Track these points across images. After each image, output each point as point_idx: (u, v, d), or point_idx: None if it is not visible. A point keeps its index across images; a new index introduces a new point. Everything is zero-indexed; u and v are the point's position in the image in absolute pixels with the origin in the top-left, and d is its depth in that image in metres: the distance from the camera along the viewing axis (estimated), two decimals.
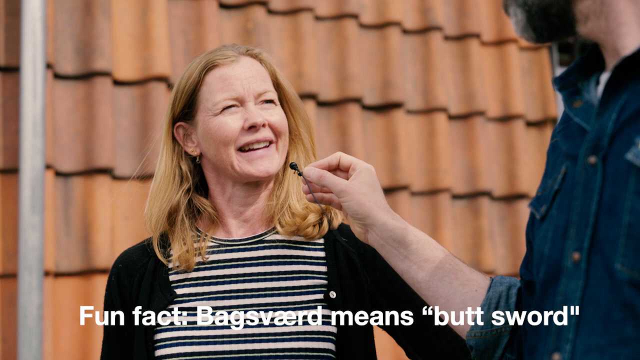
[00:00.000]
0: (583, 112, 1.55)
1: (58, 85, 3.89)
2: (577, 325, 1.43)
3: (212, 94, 2.08)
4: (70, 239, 3.77)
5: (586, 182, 1.47)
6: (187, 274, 2.06)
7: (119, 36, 4.01)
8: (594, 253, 1.43)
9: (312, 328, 1.97)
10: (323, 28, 4.40)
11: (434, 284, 1.77)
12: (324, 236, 2.08)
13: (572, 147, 1.56)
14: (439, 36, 4.57)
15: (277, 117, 2.09)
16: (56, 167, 3.80)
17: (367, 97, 4.37)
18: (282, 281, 2.03)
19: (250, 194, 2.09)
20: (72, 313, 3.71)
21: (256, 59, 2.13)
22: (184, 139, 2.14)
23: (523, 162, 4.61)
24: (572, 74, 1.60)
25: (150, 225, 2.12)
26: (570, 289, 1.46)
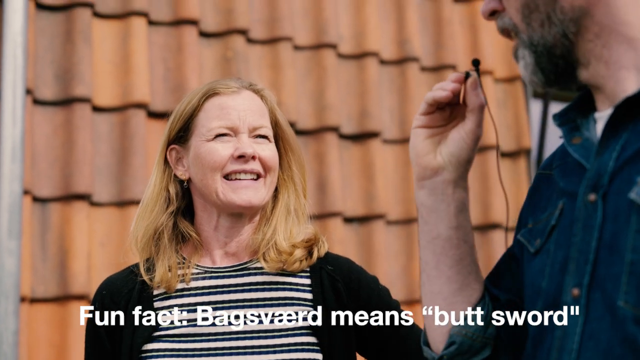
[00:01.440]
0: (582, 149, 1.56)
1: (37, 111, 3.87)
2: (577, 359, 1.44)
3: (208, 120, 2.08)
4: (46, 265, 3.75)
5: (586, 219, 1.49)
6: (172, 300, 2.05)
7: (99, 63, 4.01)
8: (594, 289, 1.44)
9: (297, 355, 1.97)
10: (302, 57, 4.42)
11: (458, 268, 1.70)
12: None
13: (569, 184, 1.56)
14: (416, 67, 4.61)
15: (269, 153, 2.09)
16: (34, 193, 3.78)
17: (344, 127, 4.39)
18: (267, 308, 2.02)
19: (235, 225, 2.09)
20: (47, 339, 3.68)
21: (257, 94, 2.14)
22: (176, 162, 2.14)
23: (497, 192, 4.63)
24: (571, 111, 1.62)
25: (135, 245, 2.12)
26: (570, 324, 1.46)
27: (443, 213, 1.69)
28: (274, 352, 1.97)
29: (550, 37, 1.54)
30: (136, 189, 3.87)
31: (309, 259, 2.07)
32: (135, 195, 3.86)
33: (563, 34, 1.53)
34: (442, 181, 1.69)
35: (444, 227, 1.69)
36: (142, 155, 3.93)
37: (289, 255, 2.05)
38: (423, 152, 1.69)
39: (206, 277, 2.07)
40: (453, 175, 1.68)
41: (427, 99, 1.68)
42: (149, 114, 4.03)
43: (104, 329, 2.08)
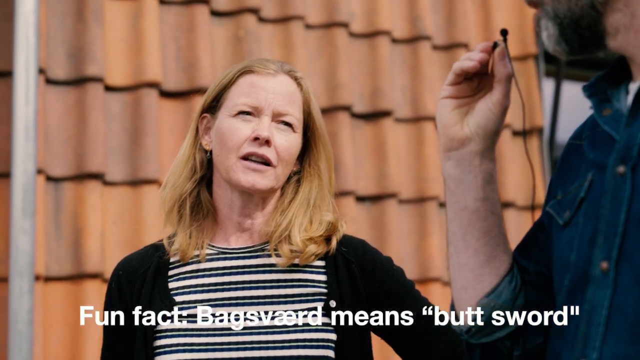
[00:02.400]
0: (612, 121, 1.54)
1: (50, 91, 3.88)
2: (604, 333, 1.43)
3: (237, 95, 2.07)
4: (60, 244, 3.76)
5: (615, 192, 1.47)
6: (186, 280, 2.05)
7: (111, 42, 4.01)
8: (622, 262, 1.43)
9: (312, 336, 1.97)
10: (313, 36, 4.41)
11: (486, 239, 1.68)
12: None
13: (599, 156, 1.55)
14: (428, 45, 4.59)
15: (285, 142, 2.05)
16: (47, 172, 3.79)
17: (356, 106, 4.38)
18: (281, 289, 2.02)
19: (247, 205, 2.07)
20: (61, 317, 3.70)
21: (295, 81, 2.10)
22: (204, 131, 2.13)
23: (509, 170, 4.62)
24: (601, 82, 1.60)
25: (163, 207, 2.11)
26: (597, 298, 1.46)
27: (470, 184, 1.67)
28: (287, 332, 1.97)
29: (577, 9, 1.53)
30: (149, 168, 3.88)
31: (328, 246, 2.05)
32: (147, 175, 3.87)
33: (591, 5, 1.51)
34: (469, 152, 1.66)
35: (472, 198, 1.67)
36: (155, 134, 3.93)
37: (301, 252, 2.03)
38: (450, 123, 1.67)
39: (220, 258, 2.07)
40: (480, 147, 1.66)
41: (454, 69, 1.66)
42: (161, 93, 4.03)
43: (120, 309, 2.08)
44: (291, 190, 2.11)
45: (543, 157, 4.78)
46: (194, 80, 4.03)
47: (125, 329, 2.06)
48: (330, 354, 1.97)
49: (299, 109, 2.09)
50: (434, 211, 4.39)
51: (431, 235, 4.34)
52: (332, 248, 2.05)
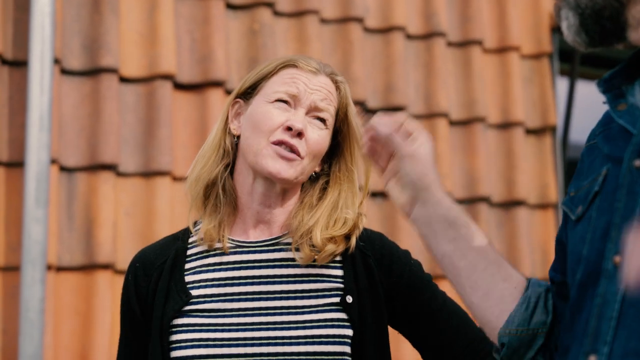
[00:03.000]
0: (628, 115, 1.52)
1: (65, 81, 3.88)
2: (615, 328, 1.41)
3: (276, 83, 2.07)
4: (72, 234, 3.76)
5: (630, 185, 1.45)
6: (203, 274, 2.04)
7: (126, 34, 4.00)
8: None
9: (328, 331, 1.95)
10: (328, 31, 4.40)
11: (476, 275, 1.72)
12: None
13: (615, 150, 1.53)
14: (442, 42, 4.58)
15: (318, 137, 2.04)
16: (61, 162, 3.79)
17: (369, 101, 4.38)
18: (297, 284, 2.01)
19: (268, 193, 2.06)
20: (72, 307, 3.71)
21: (335, 84, 2.10)
22: (234, 115, 2.13)
23: (522, 169, 4.61)
24: (616, 77, 1.58)
25: (190, 189, 2.10)
26: (610, 292, 1.44)
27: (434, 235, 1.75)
28: (304, 327, 1.96)
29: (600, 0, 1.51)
30: (162, 160, 3.88)
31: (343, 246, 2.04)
32: (160, 166, 3.87)
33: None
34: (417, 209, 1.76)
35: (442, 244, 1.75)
36: (168, 126, 3.93)
37: (320, 250, 2.01)
38: (396, 196, 1.80)
39: (237, 252, 2.05)
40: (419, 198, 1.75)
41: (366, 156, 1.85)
42: (175, 85, 4.03)
43: (136, 301, 2.07)
44: (319, 189, 2.10)
45: (556, 155, 4.77)
46: (208, 73, 4.02)
47: (142, 323, 2.06)
48: (346, 349, 1.96)
49: (334, 109, 2.09)
50: None
51: None
52: (352, 246, 2.04)
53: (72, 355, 3.66)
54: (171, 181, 3.89)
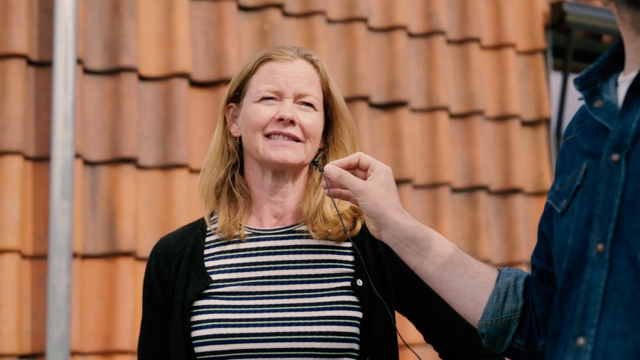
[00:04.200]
0: (604, 112, 1.55)
1: (87, 80, 3.91)
2: (601, 311, 1.44)
3: (258, 83, 2.08)
4: (96, 224, 3.80)
5: (609, 178, 1.48)
6: (221, 260, 2.07)
7: (144, 35, 4.03)
8: (618, 245, 1.44)
9: (339, 313, 1.98)
10: (334, 31, 4.43)
11: (446, 277, 1.79)
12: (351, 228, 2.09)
13: (593, 145, 1.56)
14: (442, 40, 4.60)
15: (310, 121, 2.06)
16: (84, 157, 3.83)
17: (374, 96, 4.40)
18: (311, 269, 2.03)
19: (278, 184, 2.08)
20: (97, 293, 3.74)
21: (311, 64, 2.10)
22: (232, 120, 2.14)
23: (518, 159, 4.64)
24: (592, 75, 1.60)
25: (202, 195, 2.13)
26: (594, 278, 1.47)
27: (401, 252, 1.84)
28: (317, 309, 1.98)
29: None
30: (179, 154, 3.91)
31: (353, 229, 2.07)
32: (178, 160, 3.90)
33: None
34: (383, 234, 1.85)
35: (411, 258, 1.84)
36: (185, 121, 3.96)
37: (334, 225, 2.05)
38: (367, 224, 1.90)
39: (253, 239, 2.07)
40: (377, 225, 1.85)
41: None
42: (191, 83, 4.05)
43: (159, 286, 2.09)
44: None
45: (550, 145, 4.80)
46: (222, 71, 4.05)
47: (164, 306, 2.08)
48: (356, 330, 1.98)
49: (318, 89, 2.09)
50: (446, 196, 4.42)
51: (443, 219, 4.37)
52: (357, 230, 2.06)
53: (97, 337, 3.70)
54: (188, 173, 3.93)
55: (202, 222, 2.15)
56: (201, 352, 1.98)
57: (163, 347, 2.08)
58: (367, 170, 1.90)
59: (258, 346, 1.96)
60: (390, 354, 2.04)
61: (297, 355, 1.95)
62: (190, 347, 1.99)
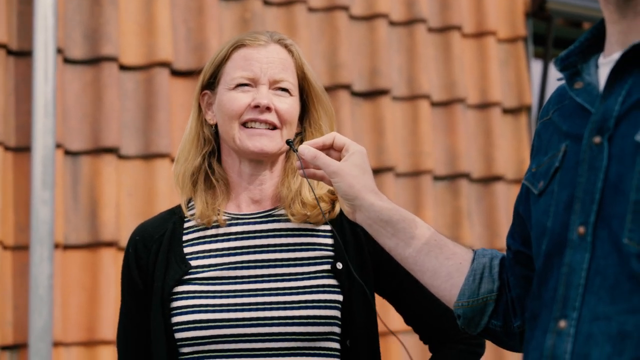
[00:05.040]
0: (585, 94, 1.53)
1: (67, 70, 3.87)
2: (583, 294, 1.43)
3: (233, 69, 2.06)
4: (78, 214, 3.77)
5: (591, 161, 1.46)
6: (200, 245, 2.05)
7: (125, 24, 3.99)
8: (600, 227, 1.43)
9: (319, 297, 1.97)
10: (315, 19, 4.40)
11: (421, 259, 1.77)
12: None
13: (573, 127, 1.54)
14: (423, 28, 4.58)
15: (286, 106, 2.04)
16: (65, 146, 3.79)
17: (355, 84, 4.38)
18: (291, 252, 2.02)
19: (255, 172, 2.07)
20: (79, 283, 3.71)
21: (285, 49, 2.09)
22: (206, 107, 2.12)
23: (499, 146, 4.63)
24: (573, 56, 1.59)
25: (177, 183, 2.11)
26: (576, 260, 1.45)
27: (376, 233, 1.82)
28: (297, 293, 1.97)
29: None
30: (160, 143, 3.88)
31: (332, 211, 2.05)
32: (159, 149, 3.87)
33: None
34: (357, 215, 1.83)
35: (386, 240, 1.81)
36: (166, 111, 3.93)
37: (313, 208, 2.03)
38: (342, 206, 1.87)
39: (232, 224, 2.06)
40: (352, 207, 1.82)
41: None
42: (172, 72, 4.02)
43: (137, 273, 2.08)
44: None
45: (531, 133, 4.79)
46: (203, 60, 3.98)
47: (143, 292, 2.07)
48: (336, 314, 1.97)
49: (292, 74, 2.07)
50: (428, 184, 4.41)
51: (425, 206, 4.36)
52: (336, 213, 2.05)
53: (80, 327, 3.67)
54: (170, 163, 3.89)
55: (179, 209, 2.13)
56: (182, 337, 1.97)
57: (142, 333, 2.06)
58: (341, 151, 1.87)
59: (238, 331, 1.95)
60: (371, 336, 2.04)
61: (278, 339, 1.95)
62: (171, 333, 1.98)
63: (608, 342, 1.38)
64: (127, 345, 2.11)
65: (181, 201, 2.12)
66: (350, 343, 1.99)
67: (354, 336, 1.99)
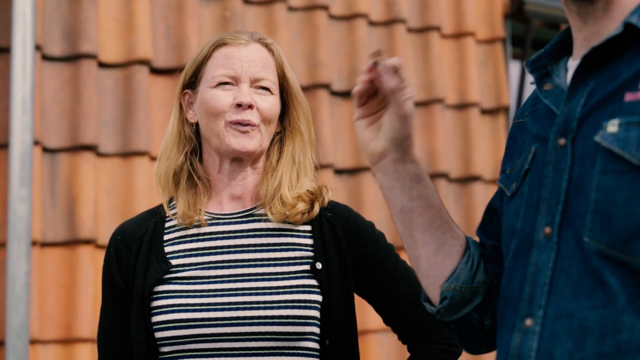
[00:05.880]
0: (552, 96, 1.55)
1: (46, 66, 3.84)
2: (548, 293, 1.45)
3: (214, 68, 2.06)
4: (55, 212, 3.74)
5: (556, 162, 1.49)
6: (181, 245, 2.05)
7: (104, 21, 3.97)
8: (565, 228, 1.45)
9: (299, 297, 1.97)
10: (295, 18, 4.38)
11: (430, 231, 1.72)
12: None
13: (541, 130, 1.56)
14: (403, 28, 4.58)
15: (268, 104, 2.05)
16: (43, 144, 3.76)
17: (335, 84, 4.37)
18: (270, 252, 2.02)
19: (236, 170, 2.07)
20: (57, 281, 3.69)
21: (266, 48, 2.10)
22: (187, 106, 2.12)
23: (477, 146, 4.64)
24: (543, 58, 1.61)
25: (159, 182, 2.11)
26: (541, 260, 1.47)
27: (400, 188, 1.71)
28: (277, 293, 1.97)
29: None
30: (139, 141, 3.86)
31: (311, 211, 2.05)
32: (138, 147, 3.85)
33: None
34: (390, 162, 1.70)
35: (405, 199, 1.71)
36: (145, 108, 3.90)
37: (292, 207, 2.03)
38: (367, 140, 1.71)
39: (213, 223, 2.06)
40: (397, 154, 1.69)
41: (354, 93, 1.71)
42: (152, 70, 4.00)
43: (118, 272, 2.07)
44: (276, 151, 2.11)
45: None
46: (183, 58, 4.00)
47: (123, 292, 2.06)
48: (316, 314, 1.97)
49: (273, 72, 2.09)
50: None
51: None
52: (315, 212, 2.04)
53: (57, 325, 3.65)
54: (149, 161, 3.88)
55: (160, 208, 2.13)
56: (162, 337, 1.97)
57: (123, 332, 2.05)
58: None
59: (218, 330, 1.95)
60: (350, 336, 2.04)
61: (257, 339, 1.94)
62: (151, 332, 1.98)
63: (570, 338, 1.40)
64: (108, 344, 2.10)
65: (163, 200, 2.11)
66: (330, 343, 1.99)
67: (333, 336, 2.00)
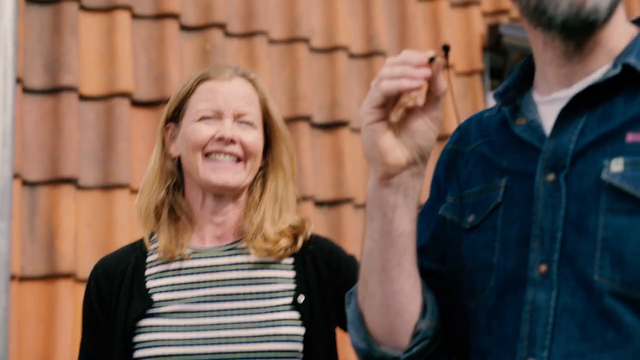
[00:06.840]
0: (530, 130, 1.51)
1: (27, 99, 3.81)
2: (552, 332, 1.40)
3: (197, 102, 2.06)
4: (35, 245, 3.69)
5: (547, 199, 1.45)
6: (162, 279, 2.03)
7: (85, 53, 3.95)
8: (563, 265, 1.41)
9: (281, 330, 1.96)
10: (276, 51, 4.38)
11: (415, 261, 1.52)
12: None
13: (514, 162, 1.51)
14: (383, 60, 4.59)
15: (252, 138, 2.05)
16: (23, 177, 3.73)
17: (315, 116, 4.37)
18: (252, 286, 2.01)
19: (219, 204, 2.06)
20: (36, 315, 3.64)
21: (250, 83, 2.10)
22: (170, 140, 2.12)
23: None
24: (510, 91, 1.58)
25: (139, 215, 2.09)
26: (540, 298, 1.42)
27: (406, 208, 1.48)
28: (260, 327, 1.95)
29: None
30: (120, 174, 3.83)
31: (294, 246, 2.04)
32: (119, 180, 3.82)
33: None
34: (408, 175, 1.47)
35: (406, 221, 1.48)
36: (126, 141, 3.88)
37: (275, 244, 2.02)
38: (388, 148, 1.45)
39: (195, 257, 2.04)
40: (419, 168, 1.48)
41: (386, 89, 1.43)
42: (133, 102, 3.98)
43: (99, 306, 2.05)
44: (259, 186, 2.10)
45: None
46: (164, 91, 3.99)
47: (104, 326, 2.04)
48: (299, 347, 1.96)
49: (256, 107, 2.08)
50: None
51: None
52: (298, 247, 2.04)
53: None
54: (130, 193, 3.84)
55: (141, 242, 2.12)
56: None
57: None
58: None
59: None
60: None
61: None
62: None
63: None
64: None
65: (144, 234, 2.09)
66: None
67: None
